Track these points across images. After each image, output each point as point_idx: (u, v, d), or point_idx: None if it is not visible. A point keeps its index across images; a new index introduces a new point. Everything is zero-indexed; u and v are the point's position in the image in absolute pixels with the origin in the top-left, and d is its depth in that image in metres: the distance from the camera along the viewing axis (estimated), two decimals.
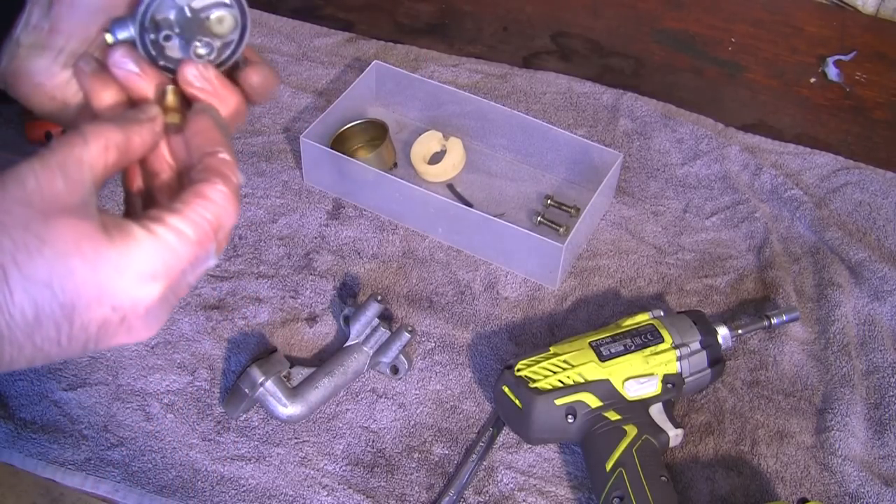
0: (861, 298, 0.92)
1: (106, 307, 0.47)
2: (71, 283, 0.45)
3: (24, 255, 0.45)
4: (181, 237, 0.48)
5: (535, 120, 0.99)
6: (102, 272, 0.46)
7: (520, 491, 0.78)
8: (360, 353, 0.84)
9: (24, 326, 0.45)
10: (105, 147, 0.50)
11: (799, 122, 1.10)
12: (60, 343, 0.47)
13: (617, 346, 0.80)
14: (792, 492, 0.79)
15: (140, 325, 0.49)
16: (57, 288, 0.45)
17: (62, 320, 0.46)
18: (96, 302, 0.46)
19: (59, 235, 0.45)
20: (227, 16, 0.61)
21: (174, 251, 0.48)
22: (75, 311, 0.46)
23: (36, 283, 0.45)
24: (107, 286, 0.46)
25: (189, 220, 0.49)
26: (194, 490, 0.78)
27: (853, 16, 1.24)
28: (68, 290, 0.45)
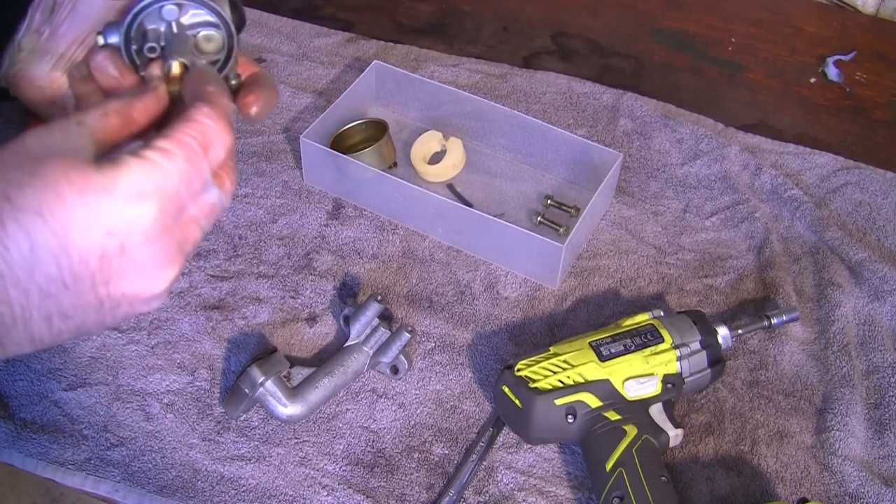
0: (861, 298, 0.92)
1: (100, 231, 0.46)
2: (60, 207, 0.45)
3: (15, 189, 0.45)
4: (167, 155, 0.48)
5: (535, 120, 0.99)
6: (90, 195, 0.45)
7: (520, 491, 0.78)
8: (360, 353, 0.84)
9: (22, 261, 0.45)
10: (104, 113, 0.50)
11: (799, 122, 1.10)
12: (67, 284, 0.46)
13: (617, 346, 0.80)
14: (792, 492, 0.79)
15: (146, 257, 0.48)
16: (47, 214, 0.45)
17: (58, 250, 0.45)
18: (87, 225, 0.46)
19: (48, 168, 0.45)
20: (215, 35, 0.61)
21: (162, 169, 0.48)
22: (69, 240, 0.45)
23: (26, 211, 0.44)
24: (96, 207, 0.46)
25: (174, 139, 0.49)
26: (194, 490, 0.78)
27: (853, 16, 1.24)
28: (58, 215, 0.45)
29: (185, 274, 0.91)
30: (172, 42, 0.60)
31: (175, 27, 0.60)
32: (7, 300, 0.45)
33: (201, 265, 0.92)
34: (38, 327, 0.47)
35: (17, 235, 0.44)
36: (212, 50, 0.62)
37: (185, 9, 0.59)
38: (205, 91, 0.52)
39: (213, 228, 0.94)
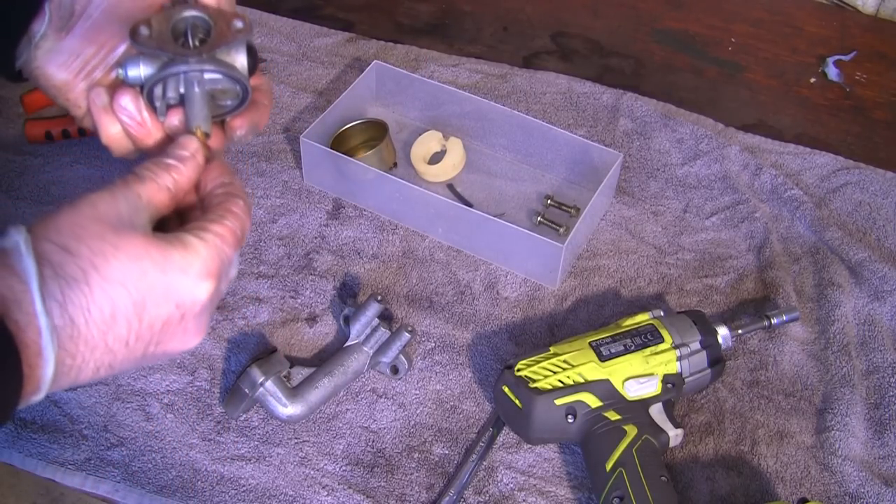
0: (861, 298, 0.92)
1: (171, 304, 0.54)
2: (143, 282, 0.52)
3: (101, 259, 0.51)
4: (224, 240, 0.57)
5: (535, 120, 0.99)
6: (170, 273, 0.54)
7: (520, 491, 0.78)
8: (360, 353, 0.84)
9: (101, 324, 0.51)
10: (159, 188, 0.58)
11: (799, 122, 1.10)
12: (129, 343, 0.53)
13: (617, 346, 0.80)
14: (792, 492, 0.79)
15: (193, 325, 0.57)
16: (131, 287, 0.52)
17: (133, 317, 0.53)
18: (163, 298, 0.54)
19: (129, 243, 0.52)
20: (232, 89, 0.65)
21: (220, 252, 0.56)
22: (145, 309, 0.53)
23: (112, 282, 0.51)
24: (173, 284, 0.54)
25: (226, 227, 0.58)
26: (194, 490, 0.78)
27: (853, 16, 1.24)
28: (141, 289, 0.52)
29: None
30: (193, 102, 0.64)
31: (197, 85, 0.64)
32: (74, 354, 0.51)
33: None
34: (84, 375, 0.53)
35: (102, 302, 0.51)
36: (228, 99, 0.67)
37: (206, 72, 0.64)
38: (233, 186, 0.62)
39: None
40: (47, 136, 1.01)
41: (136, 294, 0.52)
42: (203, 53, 0.62)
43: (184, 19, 0.63)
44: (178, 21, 0.63)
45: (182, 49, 0.63)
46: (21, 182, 0.98)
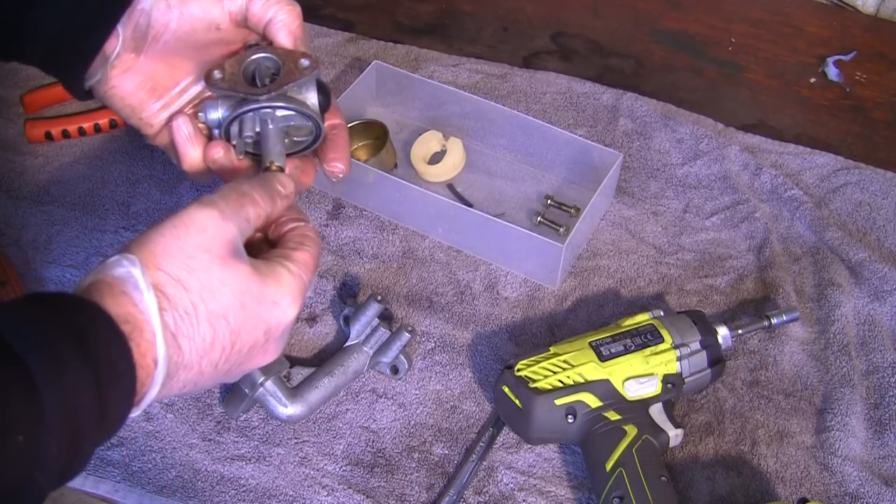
0: (861, 298, 0.92)
1: (261, 331, 0.59)
2: (242, 314, 0.57)
3: (209, 293, 0.55)
4: (306, 268, 0.62)
5: (535, 120, 0.99)
6: (264, 305, 0.59)
7: (520, 491, 0.78)
8: (360, 353, 0.84)
9: (201, 350, 0.56)
10: (258, 215, 0.62)
11: (799, 122, 1.10)
12: (218, 365, 0.57)
13: (617, 346, 0.80)
14: (792, 492, 0.79)
15: (273, 346, 0.61)
16: (231, 319, 0.57)
17: (228, 344, 0.57)
18: (256, 328, 0.58)
19: (235, 277, 0.57)
20: (305, 126, 0.70)
21: (303, 280, 0.61)
22: (239, 337, 0.57)
23: (217, 316, 0.56)
24: (265, 315, 0.59)
25: (310, 253, 0.63)
26: (194, 490, 0.78)
27: (853, 16, 1.24)
28: (239, 320, 0.57)
29: None
30: (268, 138, 0.68)
31: (270, 123, 0.68)
32: (174, 375, 0.55)
33: None
34: (172, 391, 0.56)
35: (205, 332, 0.55)
36: (302, 136, 0.71)
37: (276, 109, 0.68)
38: (302, 214, 0.67)
39: None
40: (47, 136, 1.01)
41: (235, 325, 0.57)
42: (272, 92, 0.66)
43: (254, 61, 0.68)
44: (249, 63, 0.68)
45: (253, 89, 0.67)
46: (21, 182, 0.98)
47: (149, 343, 0.53)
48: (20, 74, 1.07)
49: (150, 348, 0.53)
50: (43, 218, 0.95)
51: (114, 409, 0.51)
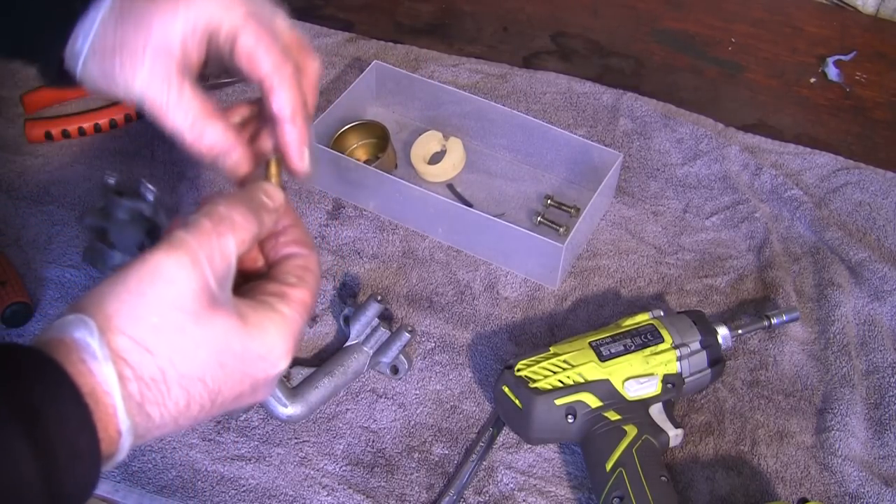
0: (861, 298, 0.92)
1: (246, 384, 0.53)
2: (221, 374, 0.51)
3: (181, 356, 0.49)
4: (304, 308, 0.55)
5: (535, 120, 0.99)
6: (249, 362, 0.52)
7: (520, 491, 0.78)
8: (360, 353, 0.84)
9: (174, 413, 0.50)
10: (242, 241, 0.53)
11: (799, 122, 1.10)
12: (197, 419, 0.52)
13: (617, 346, 0.80)
14: (792, 492, 0.79)
15: (262, 392, 0.55)
16: (209, 379, 0.51)
17: (207, 402, 0.51)
18: (239, 383, 0.52)
19: (211, 337, 0.50)
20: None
21: (298, 323, 0.54)
22: (220, 394, 0.52)
23: (191, 378, 0.50)
24: (251, 371, 0.52)
25: (309, 291, 0.56)
26: (194, 490, 0.78)
27: (853, 16, 1.24)
28: (218, 379, 0.51)
29: None
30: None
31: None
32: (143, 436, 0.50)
33: None
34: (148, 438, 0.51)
35: (178, 396, 0.50)
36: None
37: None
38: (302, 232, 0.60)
39: None
40: (47, 136, 1.01)
41: (213, 384, 0.51)
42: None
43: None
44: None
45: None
46: (21, 182, 0.98)
47: (110, 416, 0.47)
48: (20, 74, 1.07)
49: (111, 420, 0.47)
50: (43, 218, 0.95)
51: (71, 487, 0.46)
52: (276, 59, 0.60)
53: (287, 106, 0.61)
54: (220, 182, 0.99)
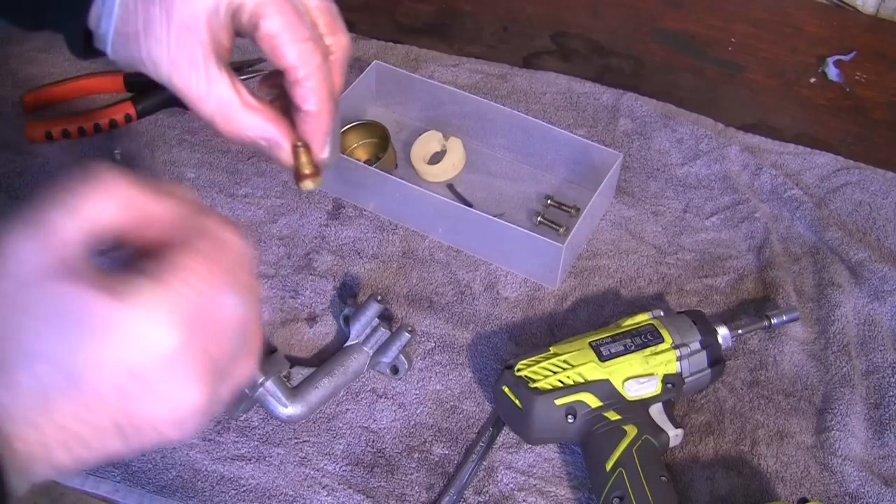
0: (861, 298, 0.92)
1: (121, 372, 0.43)
2: (74, 356, 0.42)
3: (23, 335, 0.42)
4: (193, 275, 0.44)
5: (535, 120, 0.99)
6: (110, 337, 0.42)
7: (520, 491, 0.78)
8: (360, 353, 0.84)
9: (34, 403, 0.42)
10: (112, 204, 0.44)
11: (799, 122, 1.10)
12: (80, 416, 0.43)
13: (617, 346, 0.80)
14: (792, 492, 0.79)
15: (170, 387, 0.44)
16: (60, 361, 0.42)
17: (73, 390, 0.42)
18: (106, 368, 0.42)
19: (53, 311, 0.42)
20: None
21: (188, 292, 0.44)
22: (85, 380, 0.42)
23: (36, 358, 0.42)
24: (116, 351, 0.42)
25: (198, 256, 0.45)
26: (194, 490, 0.78)
27: (853, 16, 1.24)
28: (72, 363, 0.42)
29: None
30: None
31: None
32: (20, 434, 0.42)
33: None
34: (59, 456, 0.44)
35: (27, 381, 0.42)
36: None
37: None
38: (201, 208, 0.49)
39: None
40: (47, 136, 1.01)
41: (68, 367, 0.42)
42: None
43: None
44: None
45: None
46: (21, 182, 0.98)
47: None
48: (20, 74, 1.07)
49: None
50: None
51: None
52: (301, 49, 0.56)
53: (312, 100, 0.58)
54: (220, 183, 0.99)
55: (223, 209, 0.96)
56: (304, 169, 0.61)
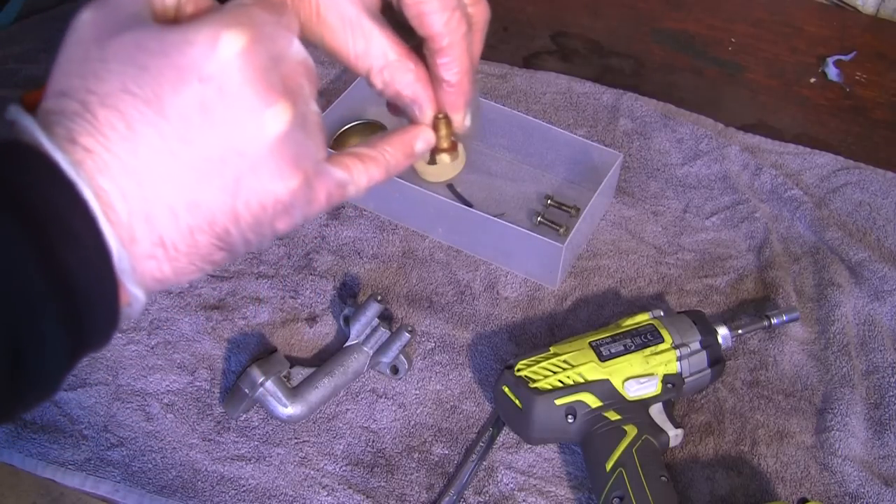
0: (861, 298, 0.92)
1: (193, 81, 0.41)
2: (145, 75, 0.41)
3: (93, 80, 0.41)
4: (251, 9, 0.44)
5: (535, 120, 0.99)
6: (172, 49, 0.41)
7: (520, 491, 0.78)
8: (360, 353, 0.84)
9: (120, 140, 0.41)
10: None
11: (799, 122, 1.10)
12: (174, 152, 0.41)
13: (617, 346, 0.80)
14: (792, 492, 0.79)
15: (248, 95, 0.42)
16: (133, 87, 0.41)
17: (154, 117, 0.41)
18: (178, 79, 0.41)
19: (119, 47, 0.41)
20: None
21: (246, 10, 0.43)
22: (162, 101, 0.41)
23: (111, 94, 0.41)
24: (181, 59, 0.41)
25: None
26: (194, 490, 0.78)
27: (853, 16, 1.24)
28: (145, 83, 0.41)
29: None
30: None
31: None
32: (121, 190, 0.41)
33: None
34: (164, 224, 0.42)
35: (109, 117, 0.41)
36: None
37: None
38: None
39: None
40: None
41: (142, 92, 0.41)
42: None
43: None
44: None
45: None
46: None
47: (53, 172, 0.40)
48: (20, 74, 1.07)
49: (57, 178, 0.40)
50: None
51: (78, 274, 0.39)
52: (448, 18, 0.56)
53: (454, 71, 0.57)
54: None
55: None
56: (443, 142, 0.59)
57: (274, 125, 0.43)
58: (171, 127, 0.41)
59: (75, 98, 0.41)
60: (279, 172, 0.44)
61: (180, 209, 0.42)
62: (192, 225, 0.42)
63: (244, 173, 0.43)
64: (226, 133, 0.42)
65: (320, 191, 0.47)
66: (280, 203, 0.44)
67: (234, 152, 0.42)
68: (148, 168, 0.41)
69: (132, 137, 0.40)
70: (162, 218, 0.41)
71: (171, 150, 0.41)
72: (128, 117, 0.41)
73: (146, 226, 0.41)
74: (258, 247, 0.47)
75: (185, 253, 0.43)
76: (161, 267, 0.43)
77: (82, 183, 0.39)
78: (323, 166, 0.48)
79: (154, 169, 0.41)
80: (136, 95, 0.41)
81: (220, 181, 0.42)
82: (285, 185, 0.44)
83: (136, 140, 0.41)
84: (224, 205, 0.43)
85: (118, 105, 0.41)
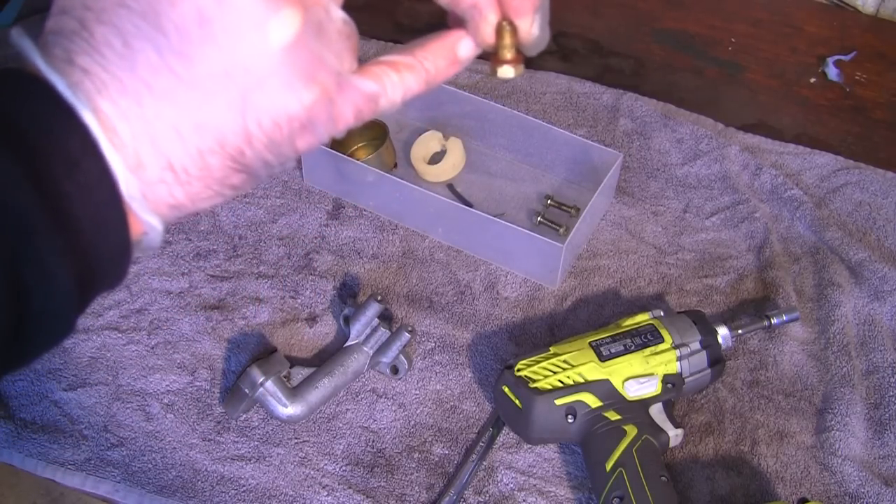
0: (861, 298, 0.92)
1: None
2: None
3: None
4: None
5: (535, 120, 0.99)
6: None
7: (520, 491, 0.78)
8: (360, 353, 0.84)
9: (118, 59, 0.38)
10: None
11: (799, 122, 1.10)
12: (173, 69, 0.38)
13: (617, 346, 0.80)
14: (792, 492, 0.79)
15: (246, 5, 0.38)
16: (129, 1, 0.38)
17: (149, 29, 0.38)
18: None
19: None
20: None
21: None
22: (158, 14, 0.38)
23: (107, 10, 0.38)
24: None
25: None
26: (194, 490, 0.78)
27: (853, 16, 1.24)
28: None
29: (184, 274, 0.91)
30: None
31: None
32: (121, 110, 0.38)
33: (201, 265, 0.92)
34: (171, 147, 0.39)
35: (105, 34, 0.38)
36: None
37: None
38: None
39: (213, 228, 0.94)
40: None
41: (137, 5, 0.38)
42: None
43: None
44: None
45: None
46: None
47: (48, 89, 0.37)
48: None
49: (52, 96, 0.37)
50: None
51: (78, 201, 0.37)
52: None
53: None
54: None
55: (223, 209, 0.96)
56: (506, 53, 0.54)
57: (279, 35, 0.39)
58: (168, 42, 0.38)
59: (73, 15, 0.38)
60: (290, 87, 0.40)
61: (187, 130, 0.39)
62: (200, 146, 0.39)
63: (251, 89, 0.39)
64: (227, 46, 0.38)
65: (345, 106, 0.43)
66: (296, 120, 0.41)
67: (239, 67, 0.39)
68: (147, 87, 0.38)
69: (128, 55, 0.38)
70: (168, 140, 0.39)
71: (170, 66, 0.38)
72: (124, 33, 0.38)
73: (152, 148, 0.38)
74: (281, 167, 0.43)
75: (197, 177, 0.40)
76: (173, 192, 0.40)
77: (80, 105, 0.37)
78: (347, 79, 0.44)
79: (154, 88, 0.38)
80: (131, 9, 0.38)
81: (225, 99, 0.39)
82: (298, 101, 0.41)
83: (133, 57, 0.38)
84: (234, 124, 0.39)
85: (114, 20, 0.38)
